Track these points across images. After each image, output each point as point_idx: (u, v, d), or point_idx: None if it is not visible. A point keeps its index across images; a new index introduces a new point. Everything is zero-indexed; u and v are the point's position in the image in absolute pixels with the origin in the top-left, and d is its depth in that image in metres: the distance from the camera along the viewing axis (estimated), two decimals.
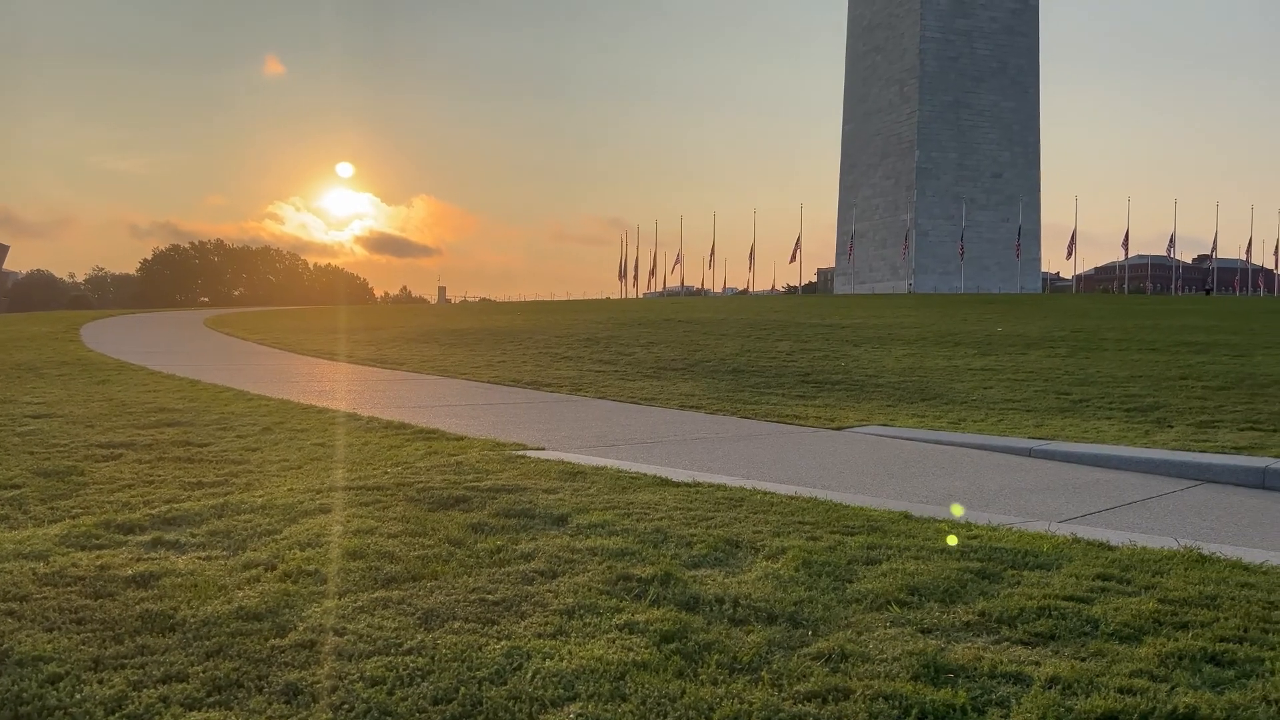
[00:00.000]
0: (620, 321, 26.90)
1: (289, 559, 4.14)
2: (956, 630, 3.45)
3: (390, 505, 5.24)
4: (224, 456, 7.16)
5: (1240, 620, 3.52)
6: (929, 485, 6.79)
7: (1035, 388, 12.84)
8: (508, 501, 5.31)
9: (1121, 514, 6.05)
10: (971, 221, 72.96)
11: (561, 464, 6.73)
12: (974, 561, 4.26)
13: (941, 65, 74.79)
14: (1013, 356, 16.69)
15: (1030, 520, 5.51)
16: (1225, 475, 7.35)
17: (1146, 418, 10.33)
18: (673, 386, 13.47)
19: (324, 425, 8.91)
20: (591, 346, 19.79)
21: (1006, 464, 7.87)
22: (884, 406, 11.62)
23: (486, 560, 4.19)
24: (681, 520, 4.98)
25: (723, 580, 3.96)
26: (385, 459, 7.06)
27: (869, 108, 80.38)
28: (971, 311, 31.01)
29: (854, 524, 4.98)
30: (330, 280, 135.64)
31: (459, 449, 7.49)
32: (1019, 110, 77.19)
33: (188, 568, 4.05)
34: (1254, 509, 6.37)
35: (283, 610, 3.52)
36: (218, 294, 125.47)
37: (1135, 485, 7.06)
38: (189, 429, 8.49)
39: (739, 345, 19.34)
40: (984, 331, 21.91)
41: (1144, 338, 19.90)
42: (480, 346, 20.60)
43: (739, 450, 8.21)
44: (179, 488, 5.97)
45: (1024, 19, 77.41)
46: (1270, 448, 8.18)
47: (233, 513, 5.08)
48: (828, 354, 17.67)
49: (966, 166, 75.22)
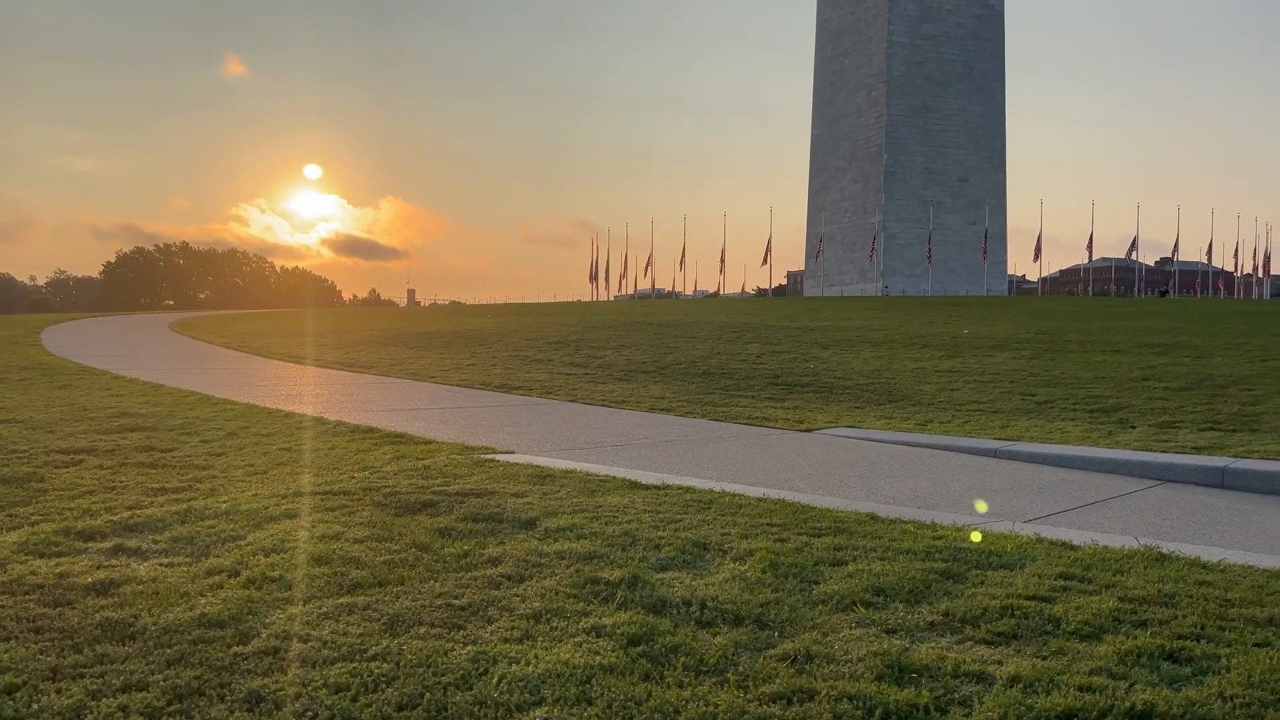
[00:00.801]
0: (591, 324, 26.89)
1: (253, 565, 4.09)
2: (921, 630, 3.48)
3: (356, 510, 5.21)
4: (188, 462, 7.07)
5: (1198, 618, 3.58)
6: (895, 486, 6.84)
7: (1001, 389, 12.98)
8: (476, 505, 5.29)
9: (1084, 514, 6.13)
10: (939, 224, 73.65)
11: (530, 467, 6.71)
12: (939, 562, 4.30)
13: (909, 70, 75.46)
14: (979, 358, 16.86)
15: (995, 520, 5.57)
16: (1185, 475, 7.47)
17: (1110, 418, 10.48)
18: (643, 389, 13.47)
19: (290, 429, 8.83)
20: (562, 349, 19.76)
21: (972, 465, 7.95)
22: (852, 408, 11.70)
23: (453, 565, 4.17)
24: (650, 523, 4.98)
25: (690, 582, 3.97)
26: (352, 463, 7.01)
27: (837, 112, 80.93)
28: (939, 314, 31.30)
29: (821, 525, 5.01)
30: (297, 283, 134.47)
31: (427, 453, 7.45)
32: (985, 115, 78.03)
33: (149, 575, 3.99)
34: (1213, 508, 6.48)
35: (246, 617, 3.48)
36: (183, 297, 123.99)
37: (1098, 485, 7.16)
38: (152, 434, 8.37)
39: (709, 348, 19.39)
40: (951, 334, 22.12)
41: (1107, 339, 20.19)
42: (449, 349, 20.50)
43: (708, 452, 8.24)
44: (141, 494, 5.89)
45: (989, 24, 78.28)
46: (1229, 447, 8.32)
47: (196, 519, 5.02)
48: (797, 356, 17.76)
49: (934, 170, 75.94)
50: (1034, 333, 22.05)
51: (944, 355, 17.47)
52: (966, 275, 74.60)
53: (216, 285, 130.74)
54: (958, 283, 74.17)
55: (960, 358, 17.03)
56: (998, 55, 78.84)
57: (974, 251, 73.87)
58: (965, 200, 76.31)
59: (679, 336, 22.05)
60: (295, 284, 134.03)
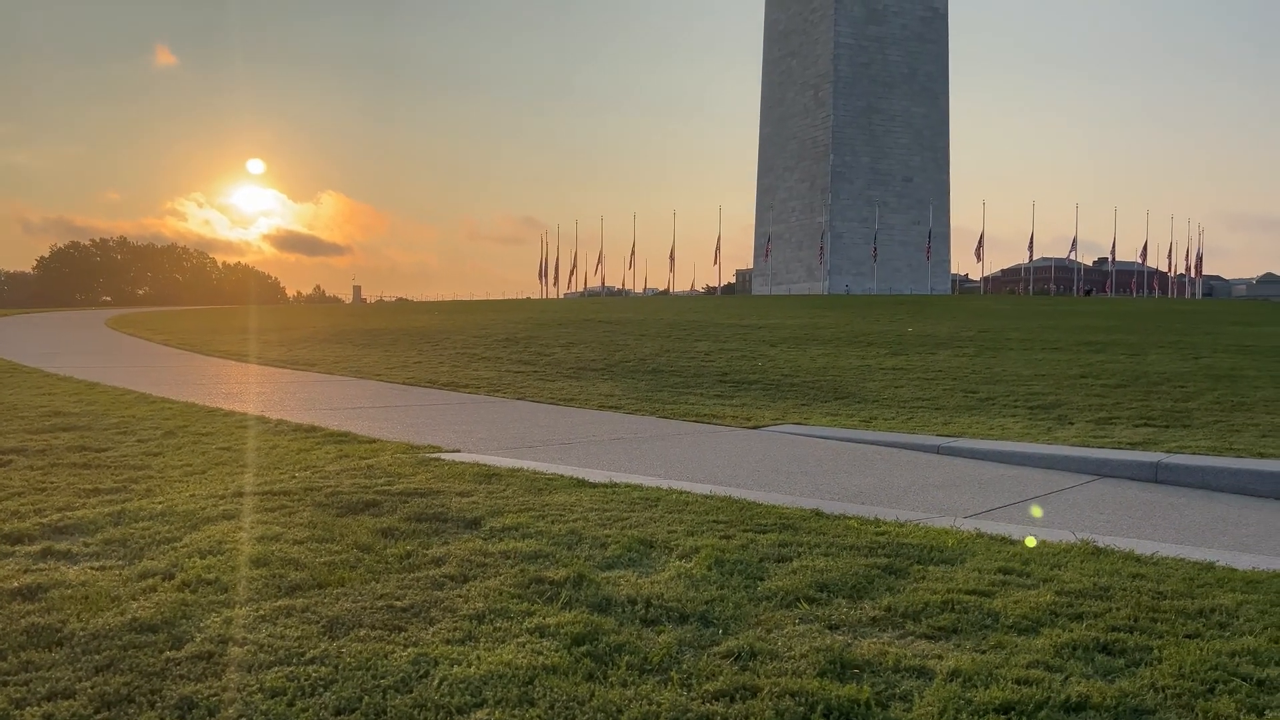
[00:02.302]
0: (540, 322, 26.77)
1: (188, 568, 4.00)
2: (863, 626, 3.51)
3: (297, 511, 5.11)
4: (123, 462, 6.89)
5: (1131, 610, 3.65)
6: (840, 483, 6.91)
7: (944, 386, 13.18)
8: (420, 505, 5.22)
9: (1024, 508, 6.25)
10: (884, 224, 74.64)
11: (477, 466, 6.65)
12: (881, 558, 4.34)
13: (854, 71, 76.31)
14: (923, 356, 17.11)
15: (937, 516, 5.65)
16: (1121, 470, 7.65)
17: (1049, 415, 10.69)
18: (592, 387, 13.44)
19: (230, 429, 8.65)
20: (510, 347, 19.64)
21: (916, 461, 8.06)
22: (799, 405, 11.79)
23: (395, 566, 4.11)
24: (597, 521, 4.96)
25: (636, 581, 3.96)
26: (294, 463, 6.88)
27: (784, 112, 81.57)
28: (884, 312, 31.70)
29: (766, 522, 5.03)
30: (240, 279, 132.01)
31: (371, 452, 7.35)
32: (929, 116, 79.22)
33: (79, 579, 3.88)
34: (1147, 502, 6.64)
35: (179, 621, 3.40)
36: (121, 293, 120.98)
37: (1037, 480, 7.29)
38: (86, 433, 8.14)
39: (659, 345, 19.42)
40: (895, 332, 22.41)
41: (1047, 338, 20.61)
42: (395, 347, 20.26)
43: (657, 450, 8.24)
44: (73, 495, 5.71)
45: (934, 27, 79.48)
46: (1162, 443, 8.54)
47: (130, 520, 4.89)
48: (745, 354, 17.85)
49: (879, 171, 76.90)
50: (976, 331, 22.44)
51: (888, 353, 17.69)
52: (911, 274, 75.70)
53: (156, 281, 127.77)
54: (903, 282, 75.23)
55: (904, 355, 17.26)
56: (941, 58, 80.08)
57: (918, 251, 74.99)
58: (910, 200, 77.42)
59: (628, 334, 22.04)
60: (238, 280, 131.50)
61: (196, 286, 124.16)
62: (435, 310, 42.13)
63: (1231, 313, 35.52)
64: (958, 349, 18.26)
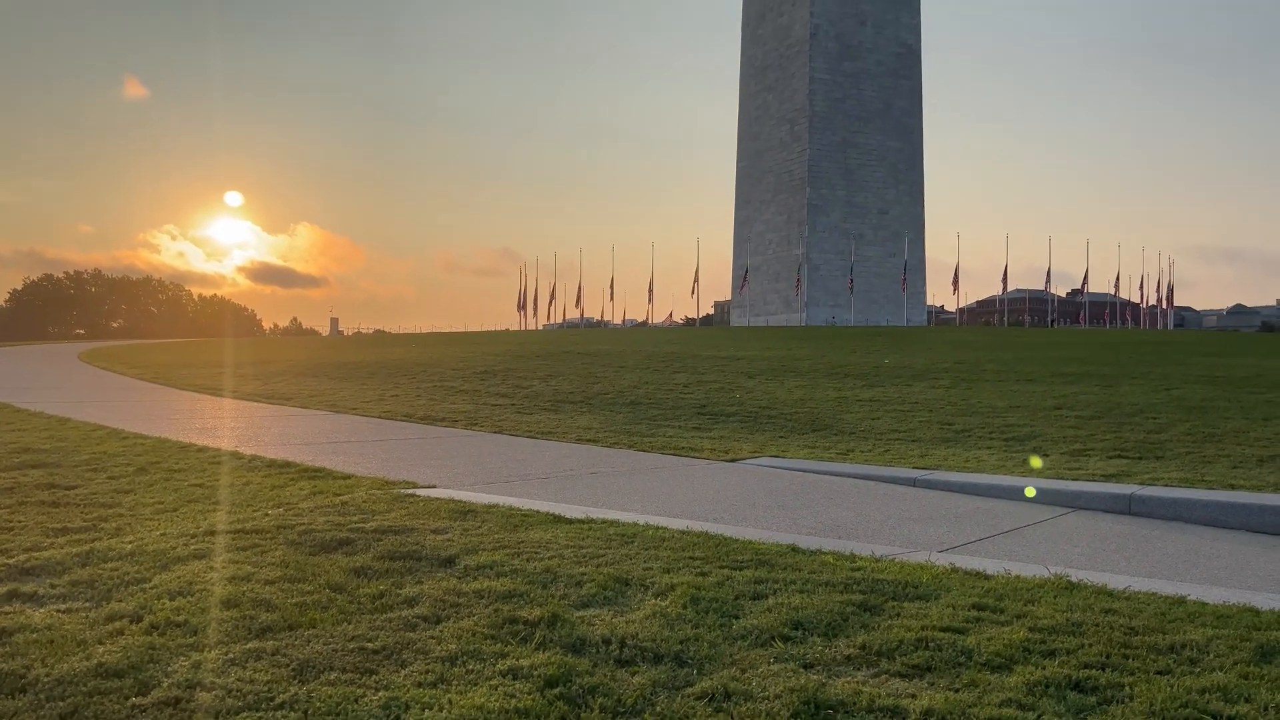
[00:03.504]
0: (518, 354, 26.73)
1: (157, 610, 3.94)
2: (838, 664, 3.50)
3: (269, 549, 5.06)
4: (93, 500, 6.80)
5: (1104, 647, 3.67)
6: (817, 516, 6.91)
7: (920, 418, 13.25)
8: (394, 543, 5.18)
9: (999, 542, 6.27)
10: (860, 256, 75.29)
11: (452, 502, 6.61)
12: (857, 594, 4.34)
13: (830, 106, 77.30)
14: (899, 388, 17.21)
15: (912, 550, 5.66)
16: (1095, 502, 7.70)
17: (1024, 446, 10.76)
18: (570, 420, 13.42)
19: (203, 465, 8.56)
20: (488, 379, 19.59)
21: (892, 494, 8.08)
22: (776, 437, 11.81)
23: (368, 606, 4.07)
24: (572, 559, 4.94)
25: (611, 620, 3.94)
26: (267, 500, 6.81)
27: (761, 145, 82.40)
28: (861, 344, 31.90)
29: (742, 558, 5.03)
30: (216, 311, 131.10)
31: (345, 488, 7.29)
32: (904, 150, 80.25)
33: (44, 622, 3.81)
34: (1120, 534, 6.69)
35: (147, 665, 3.34)
36: (95, 326, 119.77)
37: (1012, 513, 7.33)
38: (55, 470, 8.04)
39: (637, 377, 19.43)
40: (872, 364, 22.55)
41: (1022, 369, 20.79)
42: (372, 380, 20.16)
43: (634, 484, 8.22)
44: (41, 534, 5.63)
45: (907, 63, 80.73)
46: (1135, 474, 8.61)
47: (99, 560, 4.81)
48: (723, 385, 17.89)
49: (855, 204, 77.70)
50: (952, 362, 22.60)
51: (865, 385, 17.78)
52: (887, 305, 76.28)
53: (130, 314, 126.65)
54: (879, 313, 75.77)
55: (881, 387, 17.35)
56: (915, 93, 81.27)
57: (894, 283, 75.63)
58: (886, 233, 78.19)
59: (607, 366, 22.05)
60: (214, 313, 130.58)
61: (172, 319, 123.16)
62: (413, 342, 42.00)
63: (1202, 343, 36.00)
64: (934, 380, 18.39)
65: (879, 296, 76.56)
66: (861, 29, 78.62)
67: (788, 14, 79.86)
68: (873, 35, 79.05)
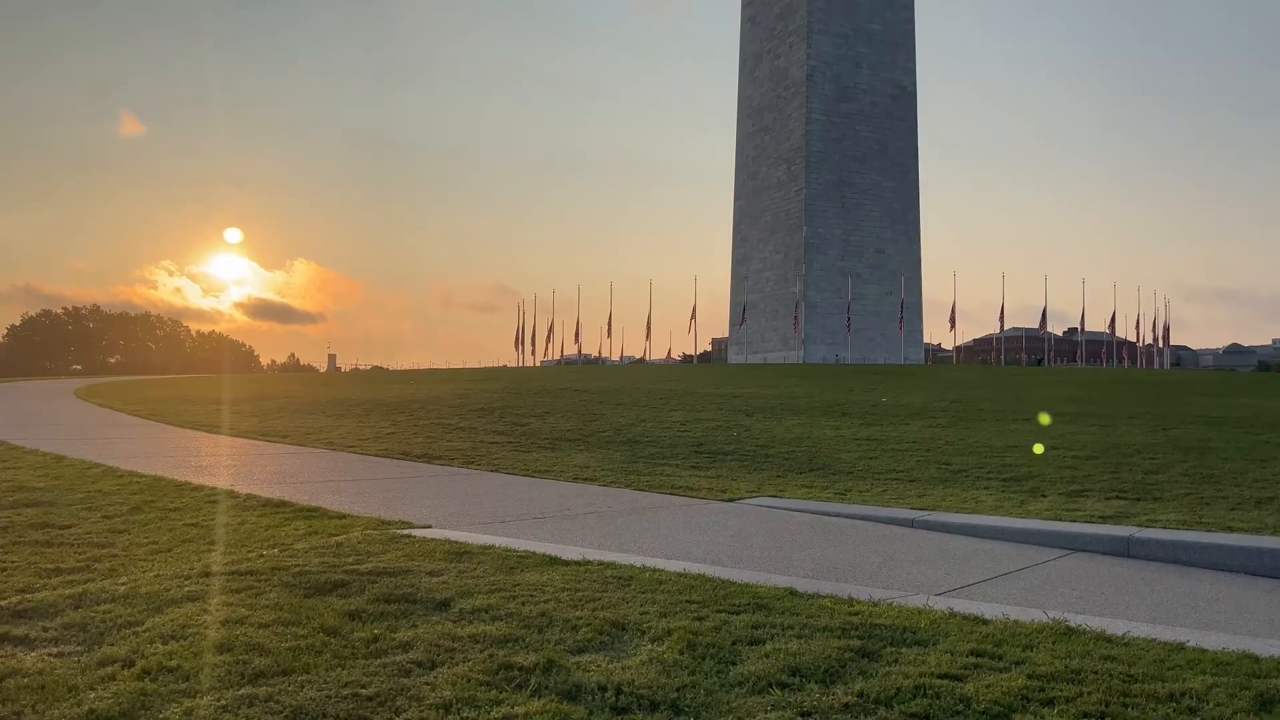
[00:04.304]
0: (516, 391, 26.72)
1: (149, 654, 3.91)
2: (835, 712, 3.47)
3: (264, 591, 5.03)
4: (87, 539, 6.77)
5: (1102, 695, 3.65)
6: (815, 558, 6.88)
7: (917, 457, 13.23)
8: (389, 585, 5.15)
9: (997, 585, 6.24)
10: (857, 295, 75.58)
11: (448, 543, 6.58)
12: (854, 639, 4.31)
13: (826, 146, 78.03)
14: (896, 426, 17.20)
15: (910, 593, 5.63)
16: (1093, 544, 7.68)
17: (1021, 487, 10.74)
18: (567, 458, 13.39)
19: (198, 504, 8.53)
20: (486, 417, 19.57)
21: (890, 535, 8.05)
22: (774, 477, 11.78)
23: (362, 651, 4.04)
24: (568, 602, 4.91)
25: (607, 666, 3.91)
26: (262, 540, 6.78)
27: (759, 184, 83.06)
28: (858, 382, 31.92)
29: (740, 602, 5.00)
30: (214, 347, 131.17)
31: (341, 528, 7.26)
32: (900, 190, 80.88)
33: (36, 667, 3.78)
34: (1119, 578, 6.66)
35: (138, 713, 3.32)
36: (93, 362, 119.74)
37: (1010, 555, 7.30)
38: (50, 509, 8.01)
39: (634, 415, 19.41)
40: (870, 402, 22.55)
41: (1019, 408, 20.80)
42: (369, 417, 20.13)
43: (631, 524, 8.19)
44: (34, 575, 5.60)
45: (903, 104, 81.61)
46: (1134, 516, 8.59)
47: (92, 603, 4.78)
48: (721, 423, 17.88)
49: (851, 242, 78.16)
50: (949, 401, 22.61)
51: (863, 423, 17.77)
52: (885, 344, 76.44)
53: (128, 350, 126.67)
54: (877, 351, 75.91)
55: (878, 426, 17.34)
56: (911, 133, 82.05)
57: (892, 321, 75.84)
58: (883, 271, 78.56)
59: (604, 404, 22.04)
60: (212, 349, 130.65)
61: (170, 355, 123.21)
62: (410, 379, 41.99)
63: (1199, 383, 36.05)
64: (931, 419, 18.38)
65: (876, 334, 76.73)
66: (857, 71, 79.59)
67: (784, 56, 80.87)
68: (869, 77, 80.00)
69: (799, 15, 79.19)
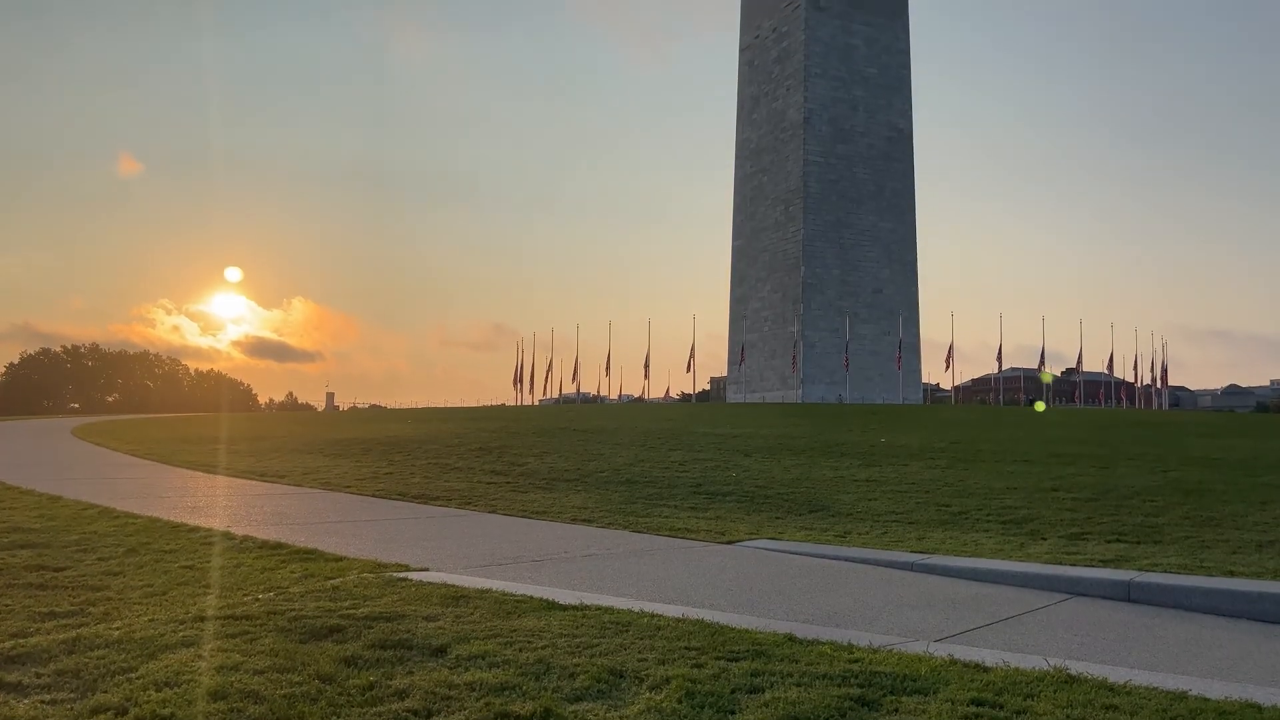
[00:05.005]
0: (513, 430, 26.67)
1: (143, 702, 3.87)
2: None
3: (259, 636, 4.99)
4: (81, 582, 6.72)
5: None
6: (815, 603, 6.84)
7: (917, 499, 13.19)
8: (385, 631, 5.11)
9: (998, 630, 6.20)
10: (855, 334, 75.78)
11: (445, 587, 6.54)
12: (854, 688, 4.28)
13: (823, 187, 78.68)
14: (895, 467, 17.16)
15: (910, 640, 5.59)
16: (1094, 589, 7.63)
17: (1021, 529, 10.70)
18: (565, 499, 13.34)
19: (194, 546, 8.48)
20: (484, 456, 19.52)
21: (890, 579, 8.01)
22: (774, 518, 11.74)
23: (358, 698, 4.01)
24: (566, 648, 4.87)
25: (604, 715, 3.87)
26: (258, 583, 6.74)
27: (756, 225, 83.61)
28: (857, 421, 31.88)
29: (739, 648, 4.96)
30: (212, 386, 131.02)
31: (337, 570, 7.22)
32: (897, 230, 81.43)
33: (28, 714, 3.75)
34: (1120, 623, 6.61)
35: None
36: (90, 400, 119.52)
37: (1011, 600, 7.26)
38: (44, 551, 7.96)
39: (633, 455, 19.36)
40: (869, 442, 22.51)
41: (1018, 449, 20.76)
42: (367, 457, 20.07)
43: (629, 567, 8.14)
44: (28, 619, 5.56)
45: (899, 146, 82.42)
46: (1135, 559, 8.55)
47: (85, 648, 4.74)
48: (719, 464, 17.83)
49: (849, 282, 78.54)
50: (948, 442, 22.58)
51: (862, 464, 17.73)
52: (883, 383, 76.48)
53: (126, 388, 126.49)
54: (875, 391, 75.92)
55: (877, 466, 17.31)
56: (907, 175, 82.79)
57: (890, 361, 75.94)
58: (880, 311, 78.84)
59: (603, 443, 21.99)
60: (210, 387, 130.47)
61: (168, 393, 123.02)
62: (408, 418, 41.90)
63: (1198, 424, 36.03)
64: (930, 460, 18.34)
65: (874, 374, 76.81)
66: (854, 114, 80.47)
67: (782, 99, 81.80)
68: (865, 120, 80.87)
69: (796, 60, 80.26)
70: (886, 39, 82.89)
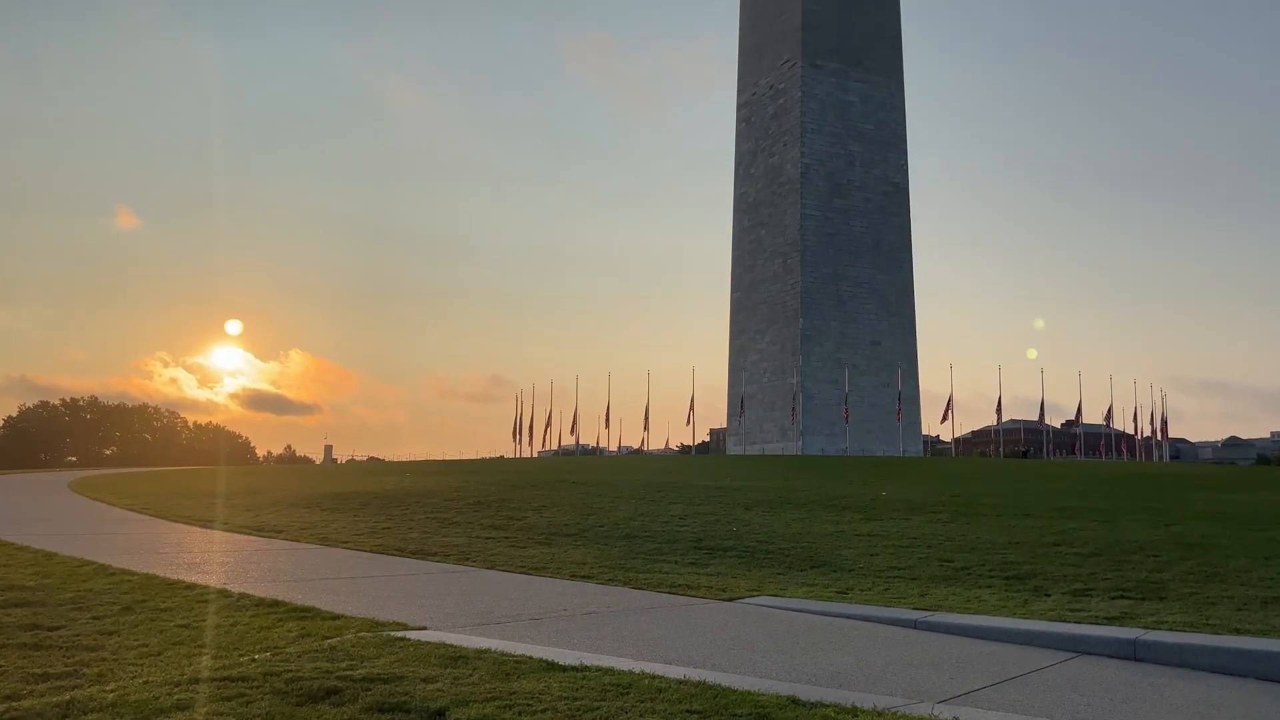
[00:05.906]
0: (512, 483, 26.54)
1: None
2: None
3: (255, 699, 4.92)
4: (76, 642, 6.65)
5: None
6: (818, 662, 6.76)
7: (919, 554, 13.09)
8: (383, 693, 5.05)
9: (1003, 690, 6.12)
10: (854, 386, 75.77)
11: (443, 646, 6.46)
12: None
13: (821, 241, 79.28)
14: (897, 522, 17.05)
15: (915, 701, 5.52)
16: (1099, 647, 7.55)
17: (1025, 585, 10.61)
18: (564, 554, 13.24)
19: (190, 604, 8.40)
20: (482, 510, 19.40)
21: (893, 637, 7.92)
22: (775, 574, 11.64)
23: None
24: (566, 712, 4.81)
25: None
26: (254, 642, 6.66)
27: (755, 278, 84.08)
28: (857, 474, 31.75)
29: (741, 712, 4.90)
30: (211, 439, 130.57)
31: (334, 629, 7.14)
32: (894, 283, 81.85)
33: None
34: (1126, 683, 6.53)
35: None
36: (88, 453, 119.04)
37: (1016, 658, 7.18)
38: (39, 610, 7.88)
39: (633, 508, 19.25)
40: (869, 495, 22.40)
41: (1020, 503, 20.65)
42: (364, 511, 19.95)
43: (630, 626, 8.06)
44: (21, 680, 5.49)
45: (896, 200, 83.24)
46: (1140, 617, 8.47)
47: (79, 712, 4.68)
48: (720, 518, 17.73)
49: (847, 334, 78.74)
50: (949, 495, 22.46)
51: (863, 518, 17.63)
52: (882, 435, 76.29)
53: (124, 441, 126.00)
54: (875, 443, 75.70)
55: (879, 520, 17.20)
56: (904, 228, 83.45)
57: (889, 413, 75.84)
58: (879, 363, 78.93)
59: (602, 496, 21.87)
60: (209, 440, 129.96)
61: (166, 446, 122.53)
62: (407, 471, 41.71)
63: (1199, 477, 35.89)
64: (931, 514, 18.24)
65: (874, 426, 76.65)
66: (851, 168, 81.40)
67: (779, 154, 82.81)
68: (861, 174, 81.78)
69: (792, 116, 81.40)
70: (882, 95, 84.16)
